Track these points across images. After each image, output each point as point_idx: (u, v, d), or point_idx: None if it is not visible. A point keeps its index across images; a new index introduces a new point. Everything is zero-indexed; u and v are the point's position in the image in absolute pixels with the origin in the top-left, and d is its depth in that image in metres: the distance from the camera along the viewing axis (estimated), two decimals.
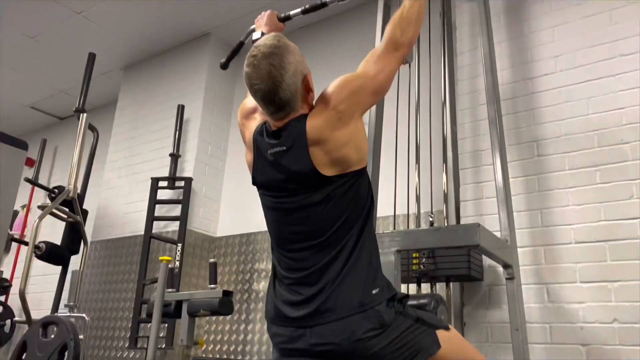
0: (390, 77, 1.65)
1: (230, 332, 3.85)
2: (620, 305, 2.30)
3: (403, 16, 1.66)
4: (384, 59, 1.63)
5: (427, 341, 1.56)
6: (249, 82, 1.56)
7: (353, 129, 1.56)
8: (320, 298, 1.51)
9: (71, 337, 2.30)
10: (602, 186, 2.48)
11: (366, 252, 1.56)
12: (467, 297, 2.72)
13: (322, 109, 1.56)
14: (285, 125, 1.58)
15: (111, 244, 4.48)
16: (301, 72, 1.57)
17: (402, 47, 1.64)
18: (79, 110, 3.99)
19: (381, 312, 1.50)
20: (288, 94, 1.53)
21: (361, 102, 1.59)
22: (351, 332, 1.48)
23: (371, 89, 1.60)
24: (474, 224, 2.07)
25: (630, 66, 2.56)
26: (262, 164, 1.64)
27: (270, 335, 1.68)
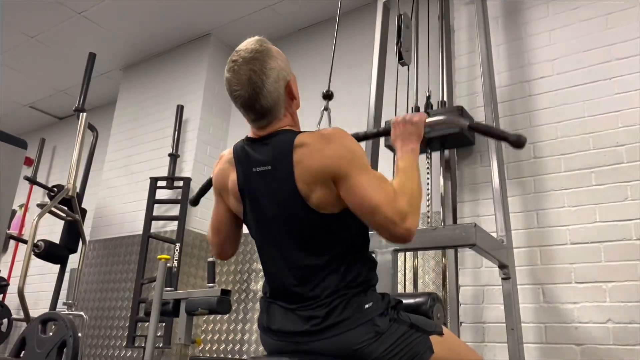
0: (367, 202, 1.39)
1: (227, 331, 3.86)
2: (615, 306, 2.33)
3: (414, 196, 1.45)
4: (384, 194, 1.39)
5: (421, 347, 1.57)
6: (229, 88, 1.50)
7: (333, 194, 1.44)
8: (313, 317, 1.48)
9: (70, 333, 2.31)
10: (597, 188, 2.51)
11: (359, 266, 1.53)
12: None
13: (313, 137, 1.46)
14: (269, 135, 1.52)
15: (109, 243, 4.49)
16: (284, 78, 1.52)
17: (402, 227, 1.37)
18: (78, 109, 4.02)
19: (375, 321, 1.49)
20: (270, 101, 1.48)
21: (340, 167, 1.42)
22: (346, 345, 1.49)
23: (354, 177, 1.41)
24: (471, 223, 2.09)
25: (625, 69, 2.59)
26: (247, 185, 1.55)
27: (262, 344, 1.69)
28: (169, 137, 4.36)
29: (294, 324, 1.53)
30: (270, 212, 1.53)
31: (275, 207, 1.52)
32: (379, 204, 1.37)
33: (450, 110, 2.87)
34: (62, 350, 2.32)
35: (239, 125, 4.51)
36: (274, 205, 1.52)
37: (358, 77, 3.75)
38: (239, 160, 1.59)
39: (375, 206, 1.38)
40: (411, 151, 1.60)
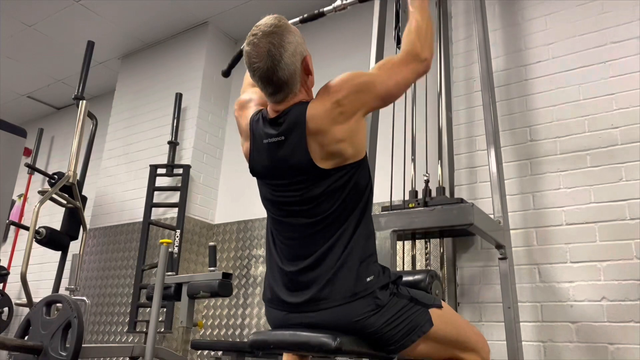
0: (402, 87, 1.62)
1: (228, 316, 3.91)
2: (609, 284, 2.38)
3: (422, 31, 1.63)
4: (400, 67, 1.60)
5: (421, 319, 1.62)
6: (249, 61, 1.57)
7: (353, 127, 1.55)
8: (316, 286, 1.55)
9: (75, 315, 2.34)
10: (592, 169, 2.55)
11: (362, 241, 1.59)
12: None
13: (324, 100, 1.55)
14: (284, 110, 1.59)
15: (109, 231, 4.52)
16: (301, 53, 1.58)
17: (422, 62, 1.61)
18: (78, 97, 4.02)
19: (377, 294, 1.54)
20: (287, 73, 1.54)
21: (364, 101, 1.57)
22: (348, 316, 1.53)
23: (378, 92, 1.58)
24: (468, 204, 2.14)
25: (620, 53, 2.63)
26: (259, 154, 1.64)
27: (267, 317, 1.74)
28: (168, 125, 4.38)
29: (298, 294, 1.58)
30: (280, 175, 1.60)
31: (285, 170, 1.59)
32: (405, 76, 1.60)
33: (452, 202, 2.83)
34: (66, 332, 2.36)
35: None
36: (285, 168, 1.59)
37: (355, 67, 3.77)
38: (253, 133, 1.67)
39: (405, 81, 1.61)
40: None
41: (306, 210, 1.58)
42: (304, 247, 1.60)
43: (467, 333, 1.75)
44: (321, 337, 1.55)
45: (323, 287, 1.54)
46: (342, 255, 1.55)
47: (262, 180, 1.69)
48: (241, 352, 3.14)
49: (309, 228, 1.59)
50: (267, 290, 1.69)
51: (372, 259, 1.60)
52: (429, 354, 1.69)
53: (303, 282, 1.57)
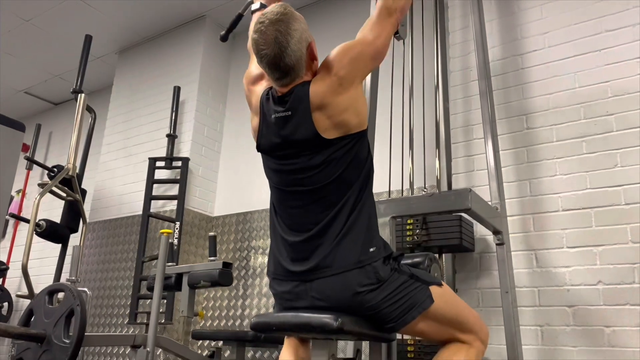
0: (386, 42, 1.75)
1: (228, 307, 3.93)
2: (605, 268, 2.41)
3: None
4: (379, 25, 1.74)
5: (421, 296, 1.65)
6: (256, 48, 1.63)
7: (353, 94, 1.65)
8: (320, 254, 1.60)
9: (78, 302, 2.36)
10: (588, 156, 2.58)
11: (365, 212, 1.65)
12: (459, 266, 2.82)
13: (324, 75, 1.65)
14: (289, 90, 1.66)
15: (108, 224, 4.54)
16: (306, 39, 1.66)
17: (394, 12, 1.75)
18: (76, 91, 4.04)
19: (377, 268, 1.59)
20: (293, 59, 1.61)
21: (361, 68, 1.69)
22: (349, 286, 1.57)
23: (370, 54, 1.70)
24: (466, 189, 2.16)
25: (614, 41, 2.66)
26: (267, 129, 1.71)
27: (273, 294, 1.77)
28: (166, 118, 4.40)
29: (303, 263, 1.62)
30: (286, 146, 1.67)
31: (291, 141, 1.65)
32: (386, 30, 1.74)
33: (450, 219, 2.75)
34: (69, 320, 2.38)
35: (235, 107, 4.56)
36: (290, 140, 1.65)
37: None
38: (263, 109, 1.73)
39: (387, 34, 1.75)
40: None
41: (309, 177, 1.64)
42: (308, 216, 1.65)
43: (466, 314, 1.78)
44: (323, 318, 1.58)
45: (327, 255, 1.59)
46: (347, 224, 1.60)
47: (267, 155, 1.75)
48: (242, 341, 3.17)
49: (312, 195, 1.64)
50: (271, 263, 1.74)
51: (375, 232, 1.65)
52: (428, 333, 1.72)
53: (307, 250, 1.62)
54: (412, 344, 2.50)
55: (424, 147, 3.04)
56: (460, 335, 1.75)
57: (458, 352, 1.73)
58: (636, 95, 2.53)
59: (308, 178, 1.65)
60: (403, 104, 3.01)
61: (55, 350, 2.33)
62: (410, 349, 2.49)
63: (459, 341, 1.75)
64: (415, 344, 2.49)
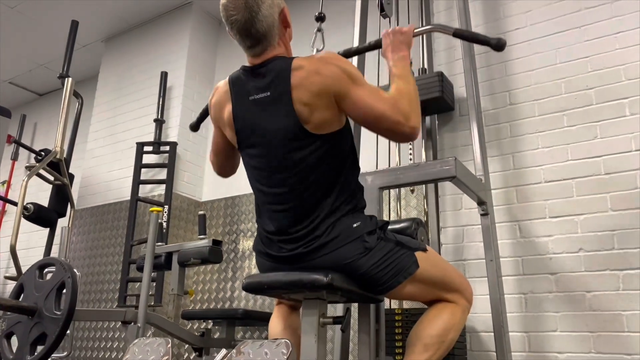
0: (373, 114, 1.53)
1: (217, 290, 3.96)
2: (585, 236, 2.49)
3: (414, 100, 1.56)
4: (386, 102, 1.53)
5: (407, 261, 1.68)
6: (225, 14, 1.56)
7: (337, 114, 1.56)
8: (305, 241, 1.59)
9: (68, 275, 2.37)
10: (569, 129, 2.66)
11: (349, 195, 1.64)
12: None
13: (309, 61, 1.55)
14: (265, 62, 1.59)
15: (96, 210, 4.54)
16: (278, 4, 1.59)
17: (408, 126, 1.53)
18: (63, 76, 4.03)
19: (364, 238, 1.60)
20: (264, 25, 1.55)
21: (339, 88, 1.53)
22: (338, 260, 1.60)
23: (354, 93, 1.53)
24: (451, 157, 2.21)
25: (593, 18, 2.73)
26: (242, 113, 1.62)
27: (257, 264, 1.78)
28: (154, 104, 4.41)
29: (288, 248, 1.62)
30: (266, 138, 1.61)
31: (271, 132, 1.59)
32: (384, 111, 1.51)
33: (430, 76, 2.94)
34: (60, 292, 2.38)
35: None
36: (270, 130, 1.59)
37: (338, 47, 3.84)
38: (235, 90, 1.65)
39: (381, 114, 1.51)
40: (403, 58, 1.72)
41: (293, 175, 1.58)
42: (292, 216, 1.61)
43: (451, 274, 1.82)
44: (313, 274, 1.61)
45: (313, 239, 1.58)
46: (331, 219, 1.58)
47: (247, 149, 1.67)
48: (231, 319, 3.20)
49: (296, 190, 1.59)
50: (258, 243, 1.73)
51: (361, 208, 1.66)
52: (415, 295, 1.76)
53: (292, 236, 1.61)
54: (400, 313, 2.55)
55: None
56: (445, 295, 1.79)
57: (444, 310, 1.77)
58: (614, 69, 2.61)
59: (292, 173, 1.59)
60: None
61: (46, 322, 2.34)
62: (397, 317, 2.54)
63: (445, 300, 1.79)
64: (403, 312, 2.54)
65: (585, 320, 2.39)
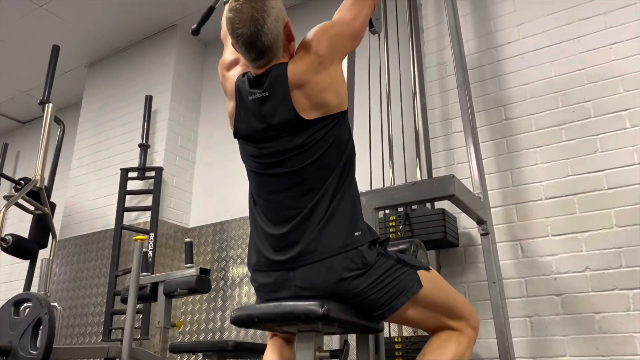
0: (364, 23, 1.71)
1: (207, 320, 3.79)
2: (591, 254, 2.38)
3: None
4: (357, 5, 1.69)
5: (409, 280, 1.58)
6: (231, 27, 1.56)
7: (333, 74, 1.59)
8: (303, 241, 1.52)
9: (45, 311, 2.23)
10: (567, 143, 2.57)
11: (348, 196, 1.58)
12: (444, 261, 2.76)
13: (303, 55, 1.60)
14: (266, 71, 1.60)
15: (80, 240, 4.38)
16: (283, 18, 1.60)
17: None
18: (43, 102, 3.90)
19: (363, 252, 1.52)
20: (270, 38, 1.55)
21: (340, 47, 1.64)
22: (334, 272, 1.49)
23: (348, 34, 1.66)
24: (449, 175, 2.11)
25: (587, 29, 2.67)
26: (244, 112, 1.64)
27: (254, 287, 1.68)
28: (138, 129, 4.29)
29: (286, 252, 1.53)
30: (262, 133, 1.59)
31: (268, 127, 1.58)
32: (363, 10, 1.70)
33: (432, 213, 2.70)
34: (37, 330, 2.24)
35: (210, 116, 4.48)
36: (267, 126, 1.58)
37: None
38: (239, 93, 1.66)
39: (365, 14, 1.70)
40: None
41: (288, 159, 1.57)
42: (289, 203, 1.57)
43: (455, 299, 1.71)
44: (307, 305, 1.49)
45: (310, 241, 1.51)
46: (330, 208, 1.53)
47: (245, 140, 1.67)
48: (222, 352, 3.04)
49: (292, 178, 1.57)
50: (252, 254, 1.65)
51: (360, 217, 1.58)
52: (417, 321, 1.65)
53: (290, 239, 1.54)
54: (400, 342, 2.41)
55: (403, 144, 3.00)
56: (450, 322, 1.67)
57: (449, 340, 1.65)
58: (612, 81, 2.54)
59: (288, 160, 1.58)
60: (381, 102, 2.97)
61: None
62: (397, 346, 2.40)
63: (449, 328, 1.67)
64: (403, 340, 2.40)
65: (595, 344, 2.26)
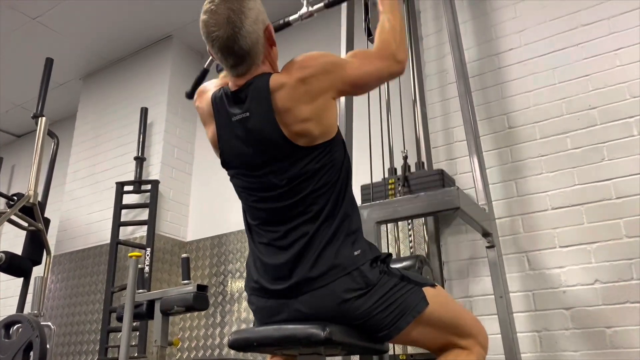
0: (374, 79, 1.54)
1: (205, 336, 3.71)
2: (601, 266, 2.30)
3: (397, 33, 1.55)
4: (375, 60, 1.52)
5: (414, 298, 1.50)
6: (206, 30, 1.44)
7: (321, 107, 1.44)
8: (301, 270, 1.43)
9: (37, 334, 2.15)
10: (573, 152, 2.50)
11: (346, 217, 1.49)
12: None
13: (289, 74, 1.45)
14: (246, 83, 1.48)
15: (75, 255, 4.29)
16: (263, 21, 1.48)
17: (398, 63, 1.52)
18: (37, 115, 3.84)
19: (365, 271, 1.44)
20: (248, 42, 1.43)
21: (332, 82, 1.47)
22: (335, 295, 1.42)
23: (347, 76, 1.48)
24: (453, 187, 2.04)
25: (591, 35, 2.61)
26: (227, 135, 1.52)
27: (252, 309, 1.60)
28: (134, 141, 4.22)
29: (283, 282, 1.44)
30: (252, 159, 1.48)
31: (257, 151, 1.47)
32: (378, 69, 1.51)
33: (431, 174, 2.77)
34: (28, 353, 2.16)
35: None
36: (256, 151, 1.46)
37: None
38: (217, 112, 1.54)
39: (378, 74, 1.52)
40: None
41: (284, 193, 1.46)
42: (287, 237, 1.47)
43: (463, 316, 1.63)
44: (309, 329, 1.42)
45: (309, 269, 1.42)
46: (327, 236, 1.43)
47: (235, 170, 1.55)
48: None
49: (289, 211, 1.46)
50: (250, 277, 1.56)
51: (358, 235, 1.50)
52: (423, 340, 1.57)
53: (288, 268, 1.45)
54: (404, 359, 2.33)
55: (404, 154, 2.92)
56: (458, 341, 1.59)
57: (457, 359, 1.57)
58: (617, 87, 2.47)
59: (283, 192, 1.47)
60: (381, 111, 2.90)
61: None
62: None
63: (457, 347, 1.59)
64: (407, 358, 2.32)
65: (607, 359, 2.18)
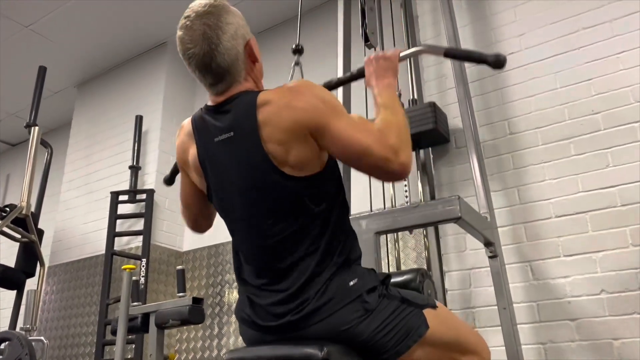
0: (356, 148, 1.28)
1: (202, 349, 3.63)
2: (606, 276, 2.24)
3: (403, 133, 1.31)
4: (372, 136, 1.28)
5: (416, 321, 1.43)
6: (182, 48, 1.34)
7: (294, 138, 1.29)
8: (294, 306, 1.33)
9: (26, 352, 2.08)
10: (577, 158, 2.44)
11: (340, 245, 1.38)
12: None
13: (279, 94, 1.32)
14: (230, 97, 1.36)
15: (70, 267, 4.22)
16: (243, 36, 1.38)
17: (399, 164, 1.27)
18: (30, 124, 3.78)
19: (364, 298, 1.35)
20: (227, 59, 1.33)
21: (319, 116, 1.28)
22: (334, 327, 1.34)
23: (334, 124, 1.28)
24: (454, 196, 1.98)
25: (593, 38, 2.56)
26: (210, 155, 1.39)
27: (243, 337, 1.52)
28: (129, 150, 4.16)
29: (275, 315, 1.36)
30: (237, 184, 1.37)
31: (242, 177, 1.36)
32: (369, 145, 1.26)
33: (422, 107, 2.74)
34: None
35: None
36: (241, 175, 1.36)
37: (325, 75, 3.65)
38: (198, 131, 1.43)
39: (365, 148, 1.26)
40: (389, 86, 1.49)
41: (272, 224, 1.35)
42: (276, 274, 1.37)
43: (465, 334, 1.57)
44: (305, 349, 1.35)
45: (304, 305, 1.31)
46: (322, 277, 1.33)
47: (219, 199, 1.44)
48: None
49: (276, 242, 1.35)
50: (240, 311, 1.46)
51: (355, 262, 1.41)
52: None
53: (281, 303, 1.35)
54: None
55: None
56: (461, 358, 1.53)
57: None
58: (621, 91, 2.42)
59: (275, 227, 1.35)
60: None
61: None
62: None
63: None
64: None
65: None
